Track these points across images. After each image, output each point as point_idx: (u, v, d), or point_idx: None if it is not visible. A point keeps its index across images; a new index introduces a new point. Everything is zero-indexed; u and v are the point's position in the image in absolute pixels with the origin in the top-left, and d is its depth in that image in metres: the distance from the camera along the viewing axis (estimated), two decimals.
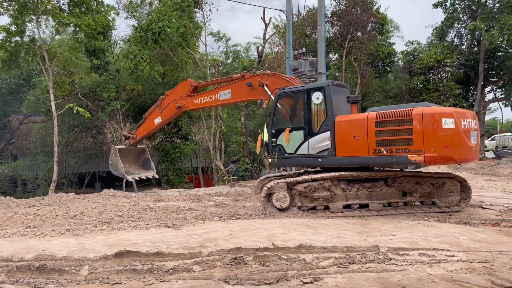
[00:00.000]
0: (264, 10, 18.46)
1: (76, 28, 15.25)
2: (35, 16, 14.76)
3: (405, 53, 28.69)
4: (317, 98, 8.94)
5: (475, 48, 26.52)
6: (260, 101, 11.33)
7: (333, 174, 8.28)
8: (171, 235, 6.65)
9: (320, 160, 8.87)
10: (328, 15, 24.77)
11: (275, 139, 9.61)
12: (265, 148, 9.97)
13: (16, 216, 8.83)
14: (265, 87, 10.64)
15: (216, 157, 19.36)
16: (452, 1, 25.99)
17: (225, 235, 6.53)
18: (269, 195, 8.57)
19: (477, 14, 24.39)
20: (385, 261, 5.00)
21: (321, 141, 8.79)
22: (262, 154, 13.18)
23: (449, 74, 26.99)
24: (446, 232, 6.41)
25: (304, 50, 16.13)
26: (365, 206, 8.38)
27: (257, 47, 19.48)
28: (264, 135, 9.99)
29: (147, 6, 18.94)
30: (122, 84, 17.81)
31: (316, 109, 8.96)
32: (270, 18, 19.76)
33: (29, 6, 14.38)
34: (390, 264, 4.90)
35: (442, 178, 8.45)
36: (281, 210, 8.44)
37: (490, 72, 26.27)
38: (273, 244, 5.79)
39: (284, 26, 22.43)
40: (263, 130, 10.09)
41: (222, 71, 24.83)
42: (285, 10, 17.75)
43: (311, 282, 4.36)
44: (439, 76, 26.90)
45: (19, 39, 15.00)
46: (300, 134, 9.16)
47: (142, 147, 16.33)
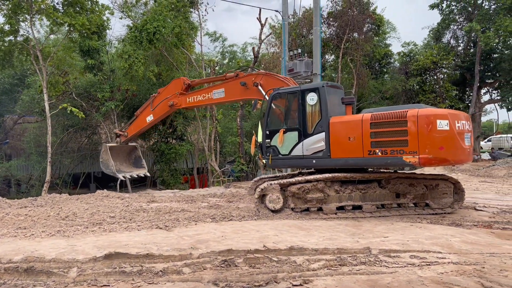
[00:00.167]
0: (260, 11, 18.54)
1: (70, 28, 15.17)
2: (29, 16, 14.68)
3: (402, 54, 28.77)
4: (312, 99, 8.90)
5: (471, 50, 26.60)
6: (255, 102, 11.29)
7: (327, 176, 8.25)
8: (163, 237, 6.60)
9: (315, 161, 8.83)
10: (325, 16, 24.81)
11: (270, 140, 9.56)
12: (259, 149, 9.93)
13: (7, 217, 8.74)
14: (259, 87, 10.60)
15: (211, 158, 19.31)
16: (448, 3, 26.07)
17: (217, 237, 6.48)
18: (262, 197, 8.53)
19: (473, 16, 24.46)
20: (376, 263, 4.97)
21: (316, 142, 8.75)
22: (257, 155, 13.15)
23: (445, 76, 27.08)
24: (438, 234, 6.40)
25: (300, 51, 16.13)
26: (359, 208, 8.36)
27: (253, 48, 19.48)
28: (258, 136, 9.95)
29: (142, 6, 18.89)
30: (117, 84, 17.73)
31: (311, 110, 8.92)
32: (266, 19, 19.90)
33: (23, 6, 14.31)
34: (381, 267, 4.87)
35: (436, 180, 8.44)
36: (274, 212, 8.40)
37: (486, 74, 26.37)
38: (264, 246, 5.75)
39: (281, 27, 22.41)
40: (257, 131, 10.05)
41: (218, 72, 24.78)
42: (281, 11, 17.75)
43: (301, 285, 4.32)
44: (435, 78, 26.98)
45: (13, 39, 14.93)
46: (295, 135, 9.11)
47: (134, 145, 16.17)
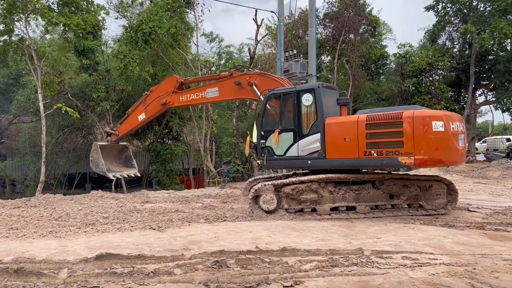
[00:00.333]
0: (256, 12, 18.52)
1: (66, 28, 15.11)
2: (24, 15, 14.61)
3: (397, 56, 28.88)
4: (307, 100, 8.90)
5: (467, 51, 26.70)
6: (250, 102, 11.28)
7: (321, 176, 8.25)
8: (155, 237, 6.58)
9: (310, 162, 8.82)
10: (321, 17, 24.85)
11: (264, 141, 9.54)
12: (254, 150, 9.91)
13: (0, 218, 8.69)
14: (254, 87, 10.58)
15: (207, 159, 19.28)
16: (444, 5, 26.15)
17: (210, 238, 6.47)
18: (256, 197, 8.52)
19: (469, 18, 24.55)
20: (368, 265, 4.97)
21: (311, 143, 8.75)
22: (252, 156, 13.13)
23: (441, 77, 27.22)
24: (431, 235, 6.41)
25: (295, 52, 16.12)
26: (353, 209, 8.36)
27: (249, 48, 19.49)
28: (253, 136, 9.93)
29: (138, 6, 18.85)
30: (112, 85, 17.67)
31: (306, 111, 8.91)
32: (262, 19, 19.84)
33: (18, 5, 14.23)
34: (373, 268, 4.87)
35: (429, 181, 8.46)
36: (268, 213, 8.39)
37: (481, 75, 26.47)
38: (257, 247, 5.74)
39: (277, 28, 22.42)
40: (252, 131, 10.03)
41: (214, 72, 24.75)
42: (277, 12, 17.75)
43: (292, 286, 4.32)
44: (431, 79, 27.10)
45: (8, 38, 14.85)
46: (290, 136, 9.10)
47: (124, 144, 16.03)
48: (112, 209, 9.60)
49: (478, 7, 24.90)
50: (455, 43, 27.81)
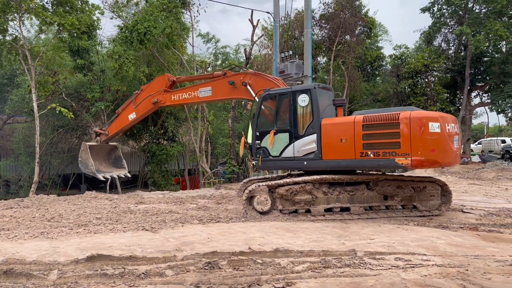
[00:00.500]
0: (252, 12, 18.54)
1: (60, 27, 15.03)
2: (18, 15, 14.52)
3: (393, 57, 28.94)
4: (303, 101, 8.86)
5: (462, 53, 26.79)
6: (245, 102, 11.21)
7: (315, 177, 8.22)
8: (148, 239, 6.53)
9: (306, 163, 8.78)
10: (317, 18, 24.87)
11: (260, 142, 9.49)
12: (249, 150, 9.87)
13: None
14: (248, 87, 10.53)
15: (202, 159, 19.22)
16: (440, 6, 26.23)
17: (203, 239, 6.43)
18: (250, 198, 8.48)
19: (464, 19, 24.64)
20: (361, 266, 4.95)
21: (307, 144, 8.71)
22: (247, 156, 13.09)
23: (436, 79, 27.29)
24: (424, 236, 6.40)
25: (291, 53, 16.11)
26: (347, 210, 8.34)
27: (245, 49, 19.46)
28: (248, 137, 9.89)
29: (133, 6, 18.78)
30: (107, 85, 17.58)
31: (302, 112, 8.87)
32: (258, 20, 19.80)
33: (12, 4, 14.15)
34: (365, 269, 4.85)
35: (423, 182, 8.46)
36: (262, 214, 8.35)
37: (477, 77, 26.55)
38: (250, 248, 5.70)
39: (273, 29, 22.42)
40: (247, 132, 9.99)
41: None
42: (273, 13, 17.74)
43: (283, 287, 4.29)
44: (427, 80, 27.17)
45: (1, 38, 14.75)
46: (285, 137, 9.05)
47: (114, 144, 15.85)
48: (106, 210, 9.53)
49: (474, 9, 24.99)
50: (451, 45, 27.90)
